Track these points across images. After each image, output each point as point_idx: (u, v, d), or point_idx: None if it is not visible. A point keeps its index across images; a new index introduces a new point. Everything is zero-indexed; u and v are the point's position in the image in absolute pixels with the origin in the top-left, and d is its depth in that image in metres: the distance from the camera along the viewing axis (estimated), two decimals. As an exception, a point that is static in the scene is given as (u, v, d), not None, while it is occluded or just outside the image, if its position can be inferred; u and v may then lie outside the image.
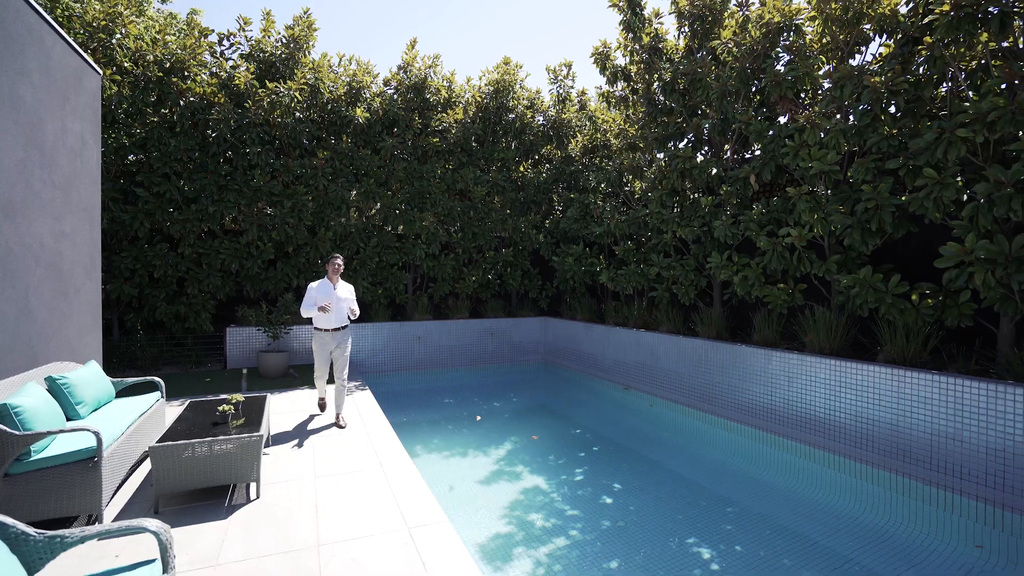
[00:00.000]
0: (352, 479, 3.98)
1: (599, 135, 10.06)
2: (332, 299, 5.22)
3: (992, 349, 4.62)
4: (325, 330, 5.33)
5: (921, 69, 4.69)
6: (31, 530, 1.67)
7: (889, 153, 4.86)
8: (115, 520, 3.20)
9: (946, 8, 4.02)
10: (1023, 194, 3.83)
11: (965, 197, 4.25)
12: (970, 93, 4.40)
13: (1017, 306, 4.10)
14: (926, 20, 4.20)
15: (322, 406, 5.79)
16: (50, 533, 1.68)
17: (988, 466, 4.00)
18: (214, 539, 2.99)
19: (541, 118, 11.19)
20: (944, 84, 4.72)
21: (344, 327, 5.44)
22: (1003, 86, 4.11)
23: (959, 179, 4.40)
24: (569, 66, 11.32)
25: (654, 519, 4.36)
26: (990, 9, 3.88)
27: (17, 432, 2.81)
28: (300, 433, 5.15)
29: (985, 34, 4.12)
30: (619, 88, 8.64)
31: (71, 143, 4.55)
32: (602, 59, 8.38)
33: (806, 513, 4.40)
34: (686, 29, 7.45)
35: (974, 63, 4.42)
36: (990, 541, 3.71)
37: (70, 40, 4.56)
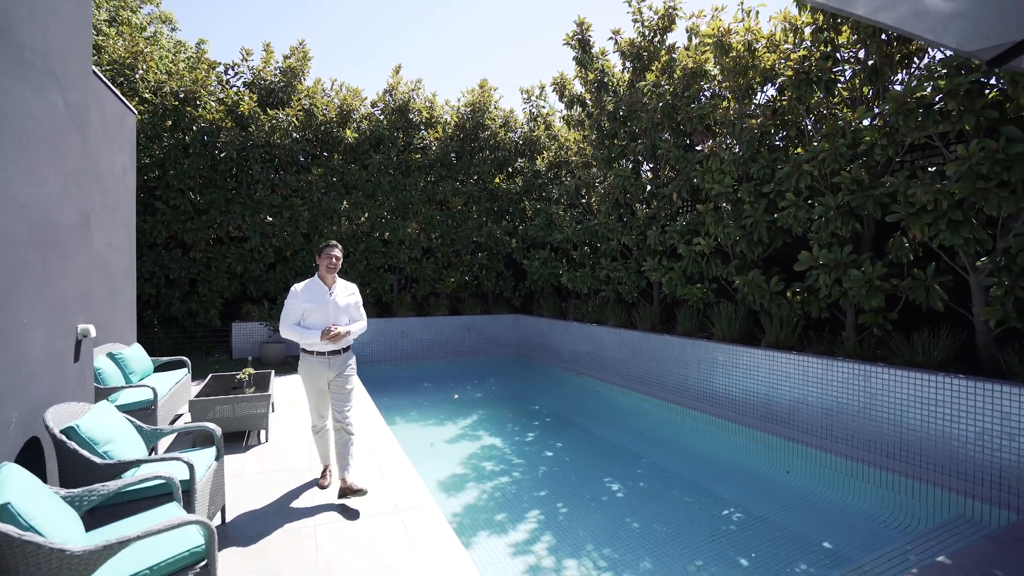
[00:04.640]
0: None
1: (562, 152, 11.31)
2: (327, 308, 3.55)
3: (842, 334, 5.87)
4: (318, 353, 3.56)
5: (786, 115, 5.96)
6: (143, 424, 2.87)
7: (764, 179, 6.12)
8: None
9: (790, 74, 5.29)
10: (842, 216, 5.09)
11: (816, 216, 5.49)
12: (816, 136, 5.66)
13: (851, 300, 5.35)
14: (779, 80, 5.47)
15: (327, 477, 3.86)
16: (153, 426, 2.88)
17: (822, 422, 5.26)
18: (237, 463, 4.22)
19: (515, 135, 12.45)
20: (802, 126, 5.99)
21: (346, 348, 3.66)
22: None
23: (811, 202, 5.66)
24: (542, 87, 12.61)
25: (582, 467, 5.61)
26: (819, 75, 5.15)
27: (101, 386, 4.04)
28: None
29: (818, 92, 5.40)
30: (577, 112, 9.89)
31: (116, 172, 5.77)
32: (560, 88, 9.64)
33: (701, 464, 5.64)
34: (628, 64, 8.70)
35: (824, 112, 5.68)
36: (820, 477, 4.94)
37: (116, 91, 5.78)
